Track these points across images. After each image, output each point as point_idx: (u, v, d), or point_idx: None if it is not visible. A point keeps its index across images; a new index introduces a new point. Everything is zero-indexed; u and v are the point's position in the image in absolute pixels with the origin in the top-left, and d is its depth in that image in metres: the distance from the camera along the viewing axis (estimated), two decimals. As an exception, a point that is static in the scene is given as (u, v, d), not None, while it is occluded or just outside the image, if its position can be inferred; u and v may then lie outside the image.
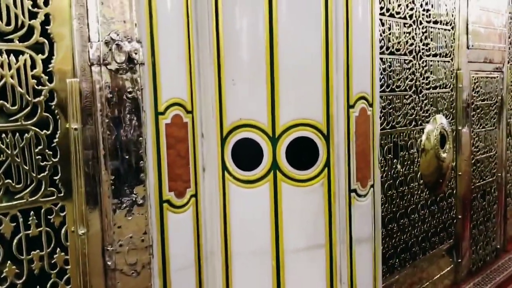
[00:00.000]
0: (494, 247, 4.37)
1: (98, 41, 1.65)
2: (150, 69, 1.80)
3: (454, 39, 3.72)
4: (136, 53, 1.74)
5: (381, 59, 3.04)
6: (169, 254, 1.88)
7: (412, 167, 3.37)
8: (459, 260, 3.88)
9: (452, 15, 3.68)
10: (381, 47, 3.04)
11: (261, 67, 1.86)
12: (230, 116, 1.91)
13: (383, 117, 3.09)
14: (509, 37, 4.45)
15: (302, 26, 1.87)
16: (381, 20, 3.02)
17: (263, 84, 1.87)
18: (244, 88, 1.89)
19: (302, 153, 1.91)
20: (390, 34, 3.10)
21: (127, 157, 1.74)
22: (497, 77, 4.26)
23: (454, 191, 3.84)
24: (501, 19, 4.27)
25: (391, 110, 3.15)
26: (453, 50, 3.72)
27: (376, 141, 2.09)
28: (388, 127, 3.14)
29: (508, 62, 4.47)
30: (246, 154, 1.92)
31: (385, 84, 3.09)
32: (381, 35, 3.03)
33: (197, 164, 1.96)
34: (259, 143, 1.89)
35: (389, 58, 3.11)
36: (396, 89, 3.18)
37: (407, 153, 3.31)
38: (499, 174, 4.37)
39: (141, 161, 1.77)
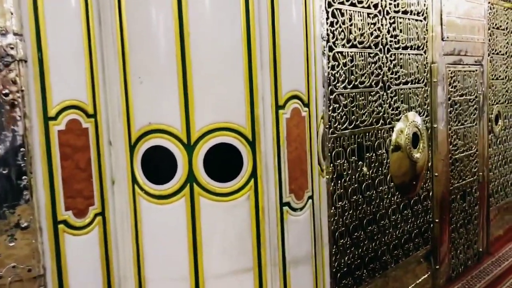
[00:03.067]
0: (476, 250, 4.06)
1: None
2: (36, 67, 1.49)
3: (427, 30, 3.39)
4: (12, 48, 1.43)
5: (341, 53, 2.72)
6: (69, 283, 1.58)
7: (380, 169, 3.05)
8: (437, 266, 3.57)
9: (424, 5, 3.35)
10: (341, 40, 2.73)
11: (171, 63, 1.55)
12: (138, 121, 1.60)
13: (344, 116, 2.77)
14: (489, 29, 4.13)
15: (218, 14, 1.55)
16: (339, 10, 2.70)
17: (174, 82, 1.56)
18: (152, 87, 1.58)
19: (223, 163, 1.60)
20: (351, 25, 2.78)
21: (4, 172, 1.43)
22: (477, 70, 3.94)
23: (430, 193, 3.52)
24: (480, 9, 3.95)
25: (354, 108, 2.84)
26: (426, 42, 3.40)
27: (315, 146, 1.77)
28: (351, 126, 2.82)
29: (489, 55, 4.15)
30: (158, 165, 1.61)
31: (347, 80, 2.77)
32: (340, 26, 2.71)
33: (104, 177, 1.65)
34: (172, 151, 1.58)
35: (351, 52, 2.79)
36: (360, 85, 2.87)
37: (374, 154, 3.00)
38: (481, 173, 4.05)
39: (24, 177, 1.46)
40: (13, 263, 1.45)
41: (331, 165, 2.71)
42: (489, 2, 4.11)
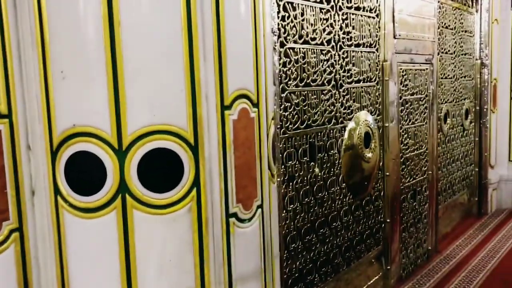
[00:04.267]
0: (426, 249, 4.02)
1: None
2: None
3: (379, 27, 3.29)
4: None
5: (292, 49, 2.55)
6: (-23, 312, 1.32)
7: (332, 169, 2.92)
8: (388, 267, 3.49)
9: (377, 2, 3.24)
10: (293, 35, 2.56)
11: (99, 55, 1.32)
12: (60, 122, 1.37)
13: (296, 116, 2.61)
14: (438, 28, 4.09)
15: (154, 0, 1.34)
16: (291, 3, 2.53)
17: (102, 78, 1.33)
18: (77, 83, 1.34)
19: (161, 171, 1.39)
20: (303, 20, 2.62)
21: None
22: (427, 69, 3.89)
23: (382, 193, 3.43)
24: (430, 8, 3.89)
25: (306, 107, 2.68)
26: (379, 40, 3.29)
27: (265, 149, 1.59)
28: (303, 126, 2.67)
29: (438, 54, 4.12)
30: (84, 174, 1.38)
31: (299, 78, 2.61)
32: (292, 21, 2.54)
33: (21, 187, 1.41)
34: (101, 158, 1.36)
35: (303, 48, 2.63)
36: (312, 84, 2.71)
37: (326, 155, 2.86)
38: (430, 172, 4.01)
39: None
40: None
41: (283, 166, 2.54)
42: (438, 1, 4.06)
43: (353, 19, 3.01)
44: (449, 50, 4.42)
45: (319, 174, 2.81)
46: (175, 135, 1.37)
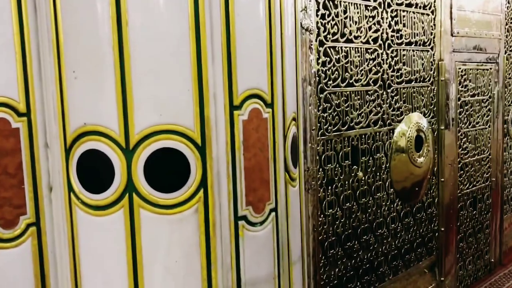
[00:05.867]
0: (488, 261, 3.73)
1: None
2: (-46, 59, 1.30)
3: (434, 25, 3.09)
4: None
5: (333, 47, 2.46)
6: (-7, 303, 1.38)
7: (378, 174, 2.78)
8: (442, 278, 3.27)
9: (432, -3, 3.05)
10: (334, 34, 2.46)
11: (108, 55, 1.33)
12: (73, 121, 1.39)
13: (337, 117, 2.51)
14: (506, 24, 3.78)
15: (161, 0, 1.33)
16: (332, 1, 2.44)
17: (111, 78, 1.34)
18: (87, 83, 1.36)
19: (167, 170, 1.37)
20: (346, 18, 2.51)
21: None
22: (491, 69, 3.61)
23: (436, 200, 3.22)
24: (496, 4, 3.61)
25: (348, 108, 2.57)
26: (434, 37, 3.09)
27: (281, 151, 1.53)
28: (344, 128, 2.56)
29: (505, 52, 3.81)
30: (94, 172, 1.40)
31: (340, 77, 2.51)
32: (333, 19, 2.45)
33: (39, 184, 1.45)
34: (109, 156, 1.37)
35: (345, 47, 2.52)
36: (355, 83, 2.60)
37: (371, 158, 2.72)
38: (494, 179, 3.71)
39: None
40: None
41: (321, 169, 2.45)
42: (506, -4, 3.76)
43: (403, 16, 2.85)
44: (519, 48, 4.07)
45: (363, 178, 2.69)
46: (181, 135, 1.35)
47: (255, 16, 1.42)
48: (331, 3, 2.43)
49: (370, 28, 2.65)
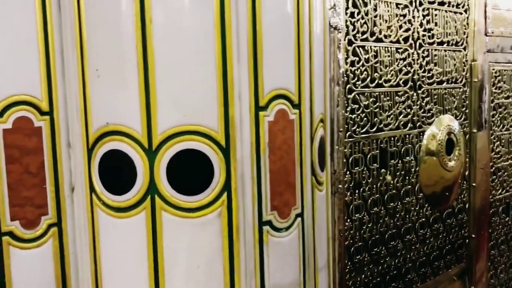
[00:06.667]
0: (520, 269, 3.58)
1: None
2: (-22, 57, 1.28)
3: (467, 24, 2.97)
4: None
5: (362, 47, 2.38)
6: (13, 302, 1.36)
7: (407, 178, 2.69)
8: (472, 287, 3.15)
9: (466, -5, 2.94)
10: (363, 33, 2.39)
11: (131, 53, 1.29)
12: (95, 120, 1.36)
13: (365, 118, 2.43)
14: (543, 23, 3.62)
15: (186, -5, 1.28)
16: (362, -1, 2.36)
17: (134, 76, 1.30)
18: (110, 81, 1.33)
19: (190, 172, 1.33)
20: (376, 16, 2.43)
21: None
22: (527, 70, 3.45)
23: (467, 205, 3.10)
24: (533, 1, 3.45)
25: (377, 109, 2.49)
26: (466, 37, 2.98)
27: (308, 154, 1.47)
28: (373, 130, 2.48)
29: (542, 53, 3.64)
30: (116, 172, 1.36)
31: (369, 78, 2.43)
32: (363, 17, 2.37)
33: (61, 184, 1.43)
34: (132, 157, 1.33)
35: (375, 46, 2.44)
36: (385, 84, 2.51)
37: (400, 162, 2.63)
38: (528, 184, 3.56)
39: (-41, 182, 1.25)
40: None
41: (348, 172, 2.38)
42: (544, -6, 3.60)
43: (435, 15, 2.75)
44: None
45: (392, 182, 2.60)
46: (205, 136, 1.31)
47: (282, 12, 1.37)
48: (360, 1, 2.35)
49: (400, 27, 2.56)
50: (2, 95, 1.32)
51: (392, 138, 2.58)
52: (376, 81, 2.46)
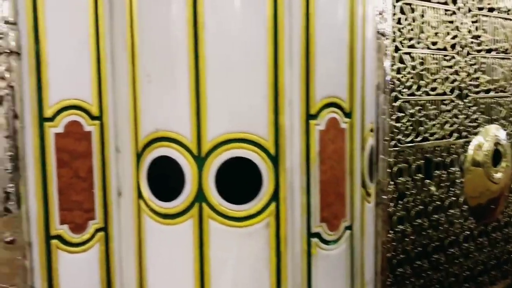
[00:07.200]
0: None
1: None
2: (32, 60, 1.30)
3: (517, 31, 2.87)
4: (1, 38, 1.23)
5: (409, 54, 2.32)
6: (60, 305, 1.36)
7: (452, 189, 2.60)
8: (518, 304, 3.02)
9: (516, 2, 2.83)
10: (410, 39, 2.32)
11: (182, 59, 1.28)
12: (145, 126, 1.36)
13: (411, 127, 2.37)
14: None
15: (238, 2, 1.26)
16: (409, 4, 2.30)
17: (185, 83, 1.29)
18: (161, 88, 1.32)
19: (239, 181, 1.31)
20: (423, 23, 2.37)
21: (-14, 178, 1.24)
22: None
23: (513, 219, 2.99)
24: None
25: (423, 118, 2.42)
26: (516, 45, 2.87)
27: (358, 164, 1.42)
28: (418, 139, 2.40)
29: None
30: (165, 179, 1.35)
31: (415, 86, 2.36)
32: (410, 23, 2.31)
33: (108, 188, 1.43)
34: (181, 164, 1.32)
35: (422, 54, 2.37)
36: (431, 92, 2.44)
37: (445, 172, 2.55)
38: None
39: (10, 185, 1.26)
40: (-6, 282, 1.26)
41: (392, 183, 2.31)
42: None
43: (484, 21, 2.66)
44: None
45: (436, 193, 2.52)
46: (254, 144, 1.28)
47: (336, 16, 1.33)
48: (408, 7, 2.29)
49: (448, 33, 2.49)
50: (54, 99, 1.33)
51: (437, 148, 2.50)
52: (422, 89, 2.39)
